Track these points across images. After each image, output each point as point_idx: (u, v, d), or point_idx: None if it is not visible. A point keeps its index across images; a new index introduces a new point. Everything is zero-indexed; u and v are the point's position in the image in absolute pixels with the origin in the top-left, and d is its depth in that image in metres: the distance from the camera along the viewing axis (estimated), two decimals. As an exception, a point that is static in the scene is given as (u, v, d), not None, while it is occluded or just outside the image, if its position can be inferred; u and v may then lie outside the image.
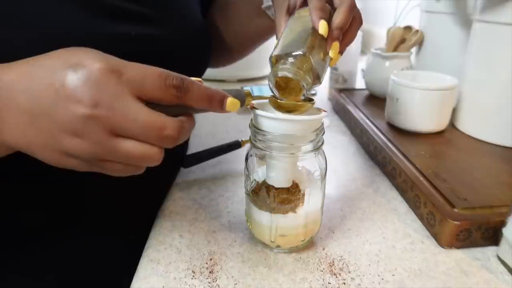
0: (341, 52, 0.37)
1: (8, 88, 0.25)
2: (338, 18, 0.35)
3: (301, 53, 0.34)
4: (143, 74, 0.25)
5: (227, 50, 0.60)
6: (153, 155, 0.26)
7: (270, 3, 0.47)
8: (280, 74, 0.34)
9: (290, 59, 0.34)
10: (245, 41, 0.59)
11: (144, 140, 0.26)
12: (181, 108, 0.28)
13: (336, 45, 0.35)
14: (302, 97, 0.36)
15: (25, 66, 0.26)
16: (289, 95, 0.36)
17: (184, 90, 0.26)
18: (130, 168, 0.28)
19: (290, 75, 0.34)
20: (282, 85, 0.36)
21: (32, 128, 0.25)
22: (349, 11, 0.35)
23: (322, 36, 0.35)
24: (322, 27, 0.34)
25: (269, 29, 0.54)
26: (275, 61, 0.36)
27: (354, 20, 0.37)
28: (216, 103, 0.29)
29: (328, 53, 0.36)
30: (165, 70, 0.26)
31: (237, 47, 0.59)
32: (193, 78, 0.29)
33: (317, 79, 0.36)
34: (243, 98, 0.32)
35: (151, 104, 0.26)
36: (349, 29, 0.37)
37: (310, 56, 0.34)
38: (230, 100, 0.29)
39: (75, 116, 0.24)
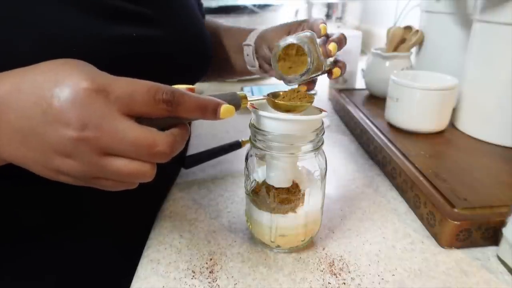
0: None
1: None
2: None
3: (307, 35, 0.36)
4: (131, 91, 0.25)
5: (221, 68, 0.60)
6: (145, 172, 0.26)
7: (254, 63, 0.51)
8: (285, 43, 0.36)
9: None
10: (234, 68, 0.59)
11: (135, 158, 0.26)
12: (174, 119, 0.28)
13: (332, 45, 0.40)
14: (306, 72, 0.36)
15: (14, 80, 0.25)
16: (295, 66, 0.36)
17: (175, 104, 0.26)
18: (122, 185, 0.28)
19: (298, 43, 0.35)
20: (286, 63, 0.37)
21: (23, 145, 0.25)
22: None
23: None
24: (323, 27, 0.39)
25: (250, 74, 0.56)
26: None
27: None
28: (210, 112, 0.28)
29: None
30: (154, 85, 0.26)
31: (226, 69, 0.59)
32: (184, 86, 0.28)
33: (320, 65, 0.37)
34: (238, 102, 0.32)
35: (142, 118, 0.26)
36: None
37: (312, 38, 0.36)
38: (224, 108, 0.29)
39: (64, 139, 0.24)
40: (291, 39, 0.36)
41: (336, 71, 0.41)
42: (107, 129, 0.24)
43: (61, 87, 0.24)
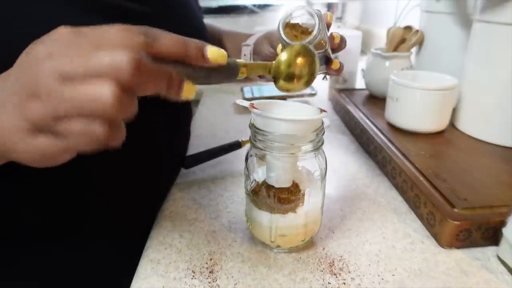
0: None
1: None
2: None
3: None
4: (104, 28, 0.23)
5: None
6: (104, 92, 0.22)
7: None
8: (298, 6, 0.34)
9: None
10: None
11: (96, 78, 0.23)
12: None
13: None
14: (312, 40, 0.33)
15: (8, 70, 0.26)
16: (300, 35, 0.35)
17: (151, 37, 0.24)
18: (93, 128, 0.24)
19: (308, 12, 0.33)
20: (296, 29, 0.35)
21: (2, 110, 0.25)
22: None
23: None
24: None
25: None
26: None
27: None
28: (194, 49, 0.26)
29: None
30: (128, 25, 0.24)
31: None
32: None
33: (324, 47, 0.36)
34: (236, 66, 0.29)
35: None
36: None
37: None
38: (212, 47, 0.26)
39: (34, 71, 0.23)
40: (300, 7, 0.34)
41: (336, 62, 0.41)
42: (73, 53, 0.23)
43: (38, 40, 0.24)
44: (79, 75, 0.23)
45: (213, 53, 0.26)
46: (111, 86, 0.23)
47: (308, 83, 0.33)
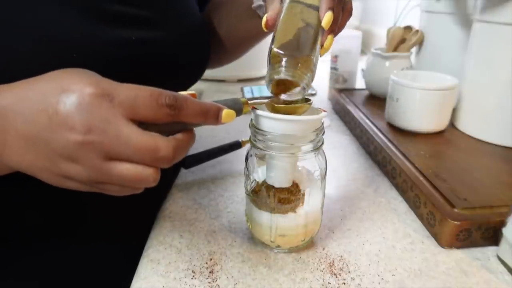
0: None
1: (6, 112, 0.25)
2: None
3: (306, 56, 0.34)
4: (135, 95, 0.25)
5: (221, 49, 0.60)
6: (148, 176, 0.26)
7: (261, 2, 0.47)
8: (277, 77, 0.33)
9: (291, 60, 0.33)
10: (237, 42, 0.59)
11: (138, 162, 0.26)
12: (177, 125, 0.28)
13: (331, 38, 0.36)
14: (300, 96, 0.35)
15: (20, 90, 0.26)
16: (288, 86, 0.35)
17: (177, 108, 0.26)
18: (127, 190, 0.28)
19: (290, 78, 0.33)
20: (281, 85, 0.35)
21: (30, 152, 0.26)
22: (339, 3, 0.36)
23: (321, 28, 0.35)
24: (326, 19, 0.34)
25: (260, 32, 0.55)
26: (275, 58, 0.34)
27: (346, 11, 0.39)
28: (212, 116, 0.29)
29: (320, 44, 0.36)
30: (156, 89, 0.26)
31: (230, 47, 0.59)
32: (186, 92, 0.29)
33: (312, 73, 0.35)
34: (240, 107, 0.32)
35: (147, 123, 0.26)
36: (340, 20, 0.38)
37: (313, 57, 0.34)
38: (225, 112, 0.29)
39: (69, 143, 0.24)
40: (282, 75, 0.33)
41: (325, 48, 0.37)
42: (111, 133, 0.24)
43: (66, 93, 0.24)
44: (123, 157, 0.25)
45: (226, 117, 0.30)
46: (155, 170, 0.26)
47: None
